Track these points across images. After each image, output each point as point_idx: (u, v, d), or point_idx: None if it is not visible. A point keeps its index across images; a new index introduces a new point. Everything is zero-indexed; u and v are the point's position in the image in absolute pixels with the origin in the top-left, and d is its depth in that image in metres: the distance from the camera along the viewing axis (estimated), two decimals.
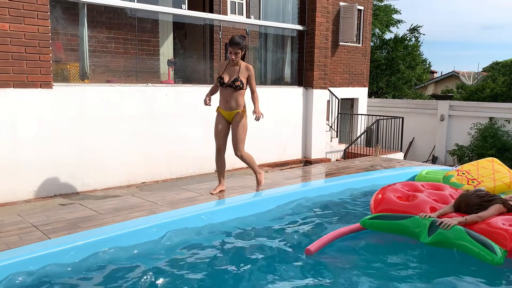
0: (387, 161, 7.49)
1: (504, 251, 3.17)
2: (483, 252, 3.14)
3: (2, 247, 3.36)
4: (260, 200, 4.87)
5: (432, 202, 3.99)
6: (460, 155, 13.45)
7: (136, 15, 7.66)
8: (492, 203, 3.66)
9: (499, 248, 3.15)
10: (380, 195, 4.20)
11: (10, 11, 5.35)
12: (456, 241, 3.30)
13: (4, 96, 5.43)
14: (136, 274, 3.19)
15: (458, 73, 25.34)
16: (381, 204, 4.07)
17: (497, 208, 3.60)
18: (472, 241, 3.23)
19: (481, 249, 3.17)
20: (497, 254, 3.08)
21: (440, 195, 4.23)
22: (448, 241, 3.35)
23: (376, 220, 3.84)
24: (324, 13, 9.03)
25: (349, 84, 13.04)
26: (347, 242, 3.86)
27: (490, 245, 3.15)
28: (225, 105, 4.93)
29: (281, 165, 8.63)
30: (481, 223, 3.46)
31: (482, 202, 3.66)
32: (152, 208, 4.55)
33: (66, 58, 6.81)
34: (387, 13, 21.09)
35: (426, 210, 3.83)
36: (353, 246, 3.83)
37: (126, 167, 6.56)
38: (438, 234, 3.39)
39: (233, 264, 3.42)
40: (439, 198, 4.15)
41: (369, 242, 3.90)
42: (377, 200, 4.16)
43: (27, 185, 5.68)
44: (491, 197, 3.75)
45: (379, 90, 20.24)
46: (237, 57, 4.82)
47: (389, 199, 4.08)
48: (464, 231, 3.33)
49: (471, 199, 3.71)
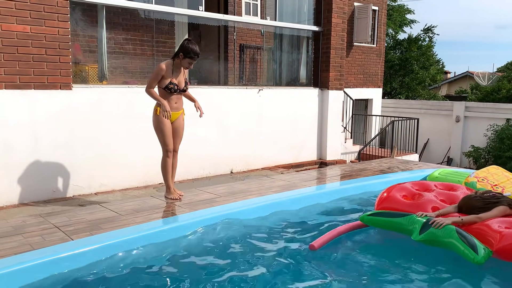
0: (404, 163, 7.43)
1: (489, 252, 3.23)
2: (467, 251, 3.22)
3: (26, 248, 3.39)
4: (288, 201, 4.87)
5: (436, 202, 4.02)
6: (476, 157, 13.30)
7: (153, 16, 7.71)
8: (496, 205, 3.65)
9: (484, 249, 3.22)
10: (386, 193, 4.32)
11: (31, 14, 5.41)
12: (444, 239, 3.39)
13: (25, 97, 5.49)
14: (160, 273, 3.21)
15: (472, 74, 25.09)
16: (384, 202, 4.20)
17: (501, 210, 3.61)
18: (459, 240, 3.31)
19: (465, 248, 3.24)
20: (478, 254, 3.16)
21: (449, 195, 4.23)
22: (437, 240, 3.44)
23: (374, 217, 3.97)
24: (340, 13, 9.00)
25: (363, 85, 12.97)
26: (352, 238, 3.97)
27: (474, 245, 3.23)
28: (172, 106, 4.82)
29: (296, 167, 8.61)
30: (478, 224, 3.50)
31: (485, 205, 3.66)
32: (172, 209, 4.57)
33: (84, 60, 6.88)
34: (400, 13, 20.94)
35: (428, 209, 3.89)
36: (358, 242, 3.94)
37: (144, 167, 6.60)
38: (428, 233, 3.48)
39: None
40: (447, 198, 4.17)
41: (374, 240, 4.03)
42: (381, 198, 4.29)
43: (46, 185, 5.74)
44: (497, 199, 3.73)
45: (392, 90, 20.10)
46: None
47: (393, 198, 4.19)
48: (455, 230, 3.38)
49: (473, 202, 3.73)
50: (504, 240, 3.26)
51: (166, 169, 4.86)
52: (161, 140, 4.83)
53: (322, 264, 3.48)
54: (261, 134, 8.15)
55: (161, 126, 4.76)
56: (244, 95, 7.93)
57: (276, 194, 5.13)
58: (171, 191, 4.88)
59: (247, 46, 9.55)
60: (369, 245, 3.96)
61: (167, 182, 4.89)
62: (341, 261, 3.55)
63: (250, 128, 8.00)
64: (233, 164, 7.81)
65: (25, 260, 3.14)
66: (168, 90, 4.73)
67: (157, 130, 4.82)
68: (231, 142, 7.71)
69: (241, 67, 9.67)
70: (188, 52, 4.64)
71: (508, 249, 3.22)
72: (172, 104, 4.82)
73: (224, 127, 7.62)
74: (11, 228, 3.86)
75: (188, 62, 4.73)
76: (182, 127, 4.99)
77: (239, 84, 8.84)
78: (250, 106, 8.00)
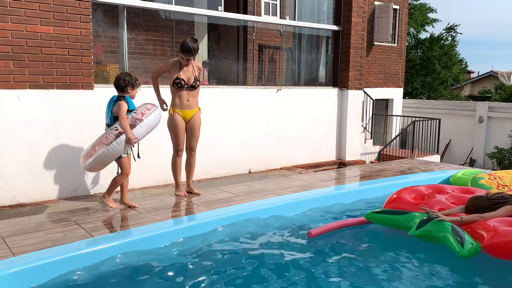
0: (425, 164, 7.32)
1: (477, 247, 3.30)
2: (455, 244, 3.33)
3: (48, 244, 3.47)
4: (300, 202, 4.86)
5: (445, 204, 4.08)
6: (499, 158, 12.99)
7: (172, 17, 7.79)
8: (503, 205, 3.64)
9: (472, 243, 3.30)
10: (396, 194, 4.48)
11: (55, 15, 5.53)
12: (438, 234, 3.52)
13: (48, 97, 5.62)
14: (178, 270, 3.24)
15: (496, 73, 24.49)
16: (393, 202, 4.37)
17: (506, 210, 3.61)
18: (450, 235, 3.41)
19: (454, 242, 3.35)
20: (464, 248, 3.27)
21: (462, 198, 4.22)
22: (431, 235, 3.58)
23: (378, 214, 4.12)
24: (360, 13, 8.92)
25: (383, 85, 12.82)
26: (353, 233, 4.12)
27: (462, 240, 3.34)
28: (184, 104, 4.87)
29: (314, 167, 8.57)
30: (478, 222, 3.55)
31: (491, 205, 3.68)
32: (190, 208, 4.62)
33: (106, 60, 6.99)
34: (422, 12, 20.59)
35: (434, 210, 3.92)
36: (357, 237, 4.08)
37: (163, 167, 6.63)
38: (424, 228, 3.61)
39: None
40: (458, 201, 4.20)
41: (376, 235, 4.14)
42: (390, 198, 4.46)
43: (68, 183, 5.85)
44: (504, 200, 3.72)
45: (413, 90, 19.81)
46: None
47: (402, 198, 4.33)
48: (450, 226, 3.48)
49: (478, 202, 3.76)
50: (494, 237, 3.30)
51: (175, 167, 5.03)
52: (172, 139, 4.95)
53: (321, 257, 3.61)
54: (279, 134, 8.14)
55: (173, 125, 4.88)
56: (263, 95, 7.93)
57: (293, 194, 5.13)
58: (180, 188, 5.06)
59: (266, 46, 9.55)
60: (370, 240, 4.07)
61: (176, 180, 5.05)
62: (339, 254, 3.70)
63: (269, 128, 8.00)
64: (252, 164, 7.83)
65: (47, 256, 3.21)
66: (175, 85, 4.83)
67: (170, 129, 4.94)
68: (249, 141, 7.72)
69: (260, 67, 9.68)
70: (182, 49, 4.75)
71: (496, 245, 3.27)
72: (184, 102, 4.88)
73: (242, 127, 7.64)
74: (34, 225, 3.95)
75: (181, 57, 4.79)
76: (197, 126, 5.03)
77: (258, 84, 8.85)
78: (269, 106, 7.99)
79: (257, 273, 3.29)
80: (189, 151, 5.10)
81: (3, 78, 5.29)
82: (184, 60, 4.79)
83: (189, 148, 5.08)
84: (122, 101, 4.36)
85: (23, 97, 5.44)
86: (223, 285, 3.09)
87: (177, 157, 5.00)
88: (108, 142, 4.23)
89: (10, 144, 5.40)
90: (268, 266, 3.41)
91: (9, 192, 5.45)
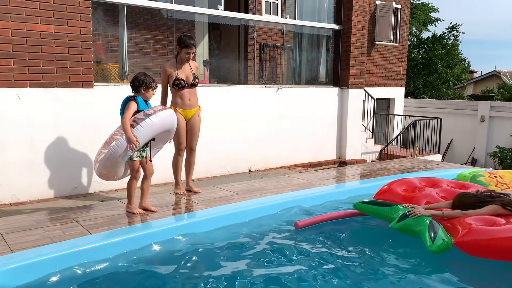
0: (425, 163, 7.31)
1: (448, 244, 3.34)
2: (427, 238, 3.40)
3: (47, 241, 3.49)
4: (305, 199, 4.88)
5: (433, 198, 4.13)
6: (501, 158, 12.95)
7: (173, 16, 7.79)
8: (489, 204, 3.63)
9: (443, 240, 3.35)
10: (387, 186, 4.55)
11: (55, 14, 5.55)
12: (415, 228, 3.57)
13: (48, 95, 5.64)
14: (174, 267, 3.25)
15: (499, 73, 24.39)
16: (382, 193, 4.44)
17: (492, 209, 3.61)
18: (426, 229, 3.47)
19: (427, 237, 3.41)
20: (434, 244, 3.33)
21: (454, 192, 4.22)
22: (409, 228, 3.65)
23: (365, 204, 4.22)
24: (361, 12, 8.91)
25: (385, 84, 12.80)
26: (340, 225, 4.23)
27: (435, 236, 3.40)
28: (185, 103, 4.87)
29: (315, 166, 8.57)
30: (458, 218, 3.57)
31: (476, 203, 3.69)
32: (189, 206, 4.63)
33: (106, 59, 7.00)
34: (424, 11, 20.54)
35: (420, 203, 4.04)
36: (344, 229, 4.17)
37: (163, 165, 6.64)
38: (404, 222, 3.69)
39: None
40: (448, 195, 4.25)
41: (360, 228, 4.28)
42: (382, 189, 4.54)
43: (68, 182, 5.87)
44: (491, 198, 3.71)
45: (415, 90, 19.77)
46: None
47: (392, 190, 4.42)
48: (428, 221, 3.54)
49: (464, 199, 3.78)
50: (467, 235, 3.33)
51: (176, 166, 5.06)
52: (174, 139, 4.93)
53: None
54: (280, 132, 8.14)
55: (179, 125, 4.84)
56: (263, 94, 7.94)
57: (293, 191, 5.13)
58: (179, 186, 5.09)
59: (267, 45, 9.55)
60: (354, 233, 4.18)
61: (176, 178, 5.08)
62: (325, 245, 3.77)
63: (269, 127, 8.00)
64: (252, 163, 7.83)
65: (45, 252, 3.23)
66: (175, 86, 4.83)
67: None
68: (250, 140, 7.73)
69: (260, 66, 9.68)
70: (183, 42, 4.72)
71: (467, 243, 3.31)
72: (186, 101, 4.89)
73: (243, 126, 7.65)
74: (33, 222, 3.97)
75: (185, 53, 4.76)
76: (197, 125, 5.04)
77: (259, 83, 8.86)
78: (269, 105, 8.00)
79: (257, 272, 3.28)
80: (189, 150, 5.11)
81: (3, 77, 5.31)
82: (190, 55, 4.78)
83: (189, 147, 5.09)
84: (131, 101, 4.17)
85: (23, 95, 5.46)
86: (221, 282, 3.09)
87: (178, 156, 5.03)
88: (110, 144, 4.13)
89: (10, 143, 5.42)
90: (266, 264, 3.41)
91: (10, 190, 5.47)
